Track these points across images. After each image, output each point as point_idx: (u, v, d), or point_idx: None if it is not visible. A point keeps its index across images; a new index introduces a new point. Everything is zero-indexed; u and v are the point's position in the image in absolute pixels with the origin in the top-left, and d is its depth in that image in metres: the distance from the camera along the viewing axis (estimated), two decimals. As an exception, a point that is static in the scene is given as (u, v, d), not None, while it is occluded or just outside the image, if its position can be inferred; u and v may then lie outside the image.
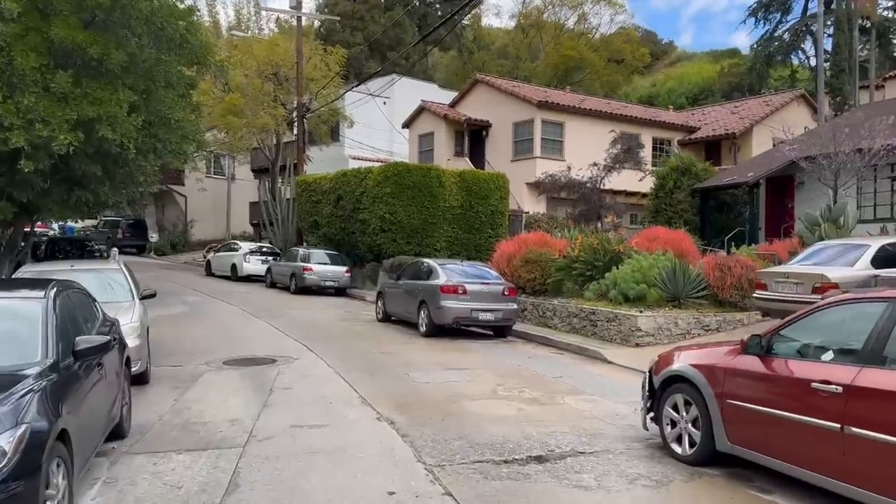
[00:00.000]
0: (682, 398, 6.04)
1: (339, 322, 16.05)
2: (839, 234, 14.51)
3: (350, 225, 24.92)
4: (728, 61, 61.29)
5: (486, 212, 24.67)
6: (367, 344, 12.77)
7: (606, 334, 12.80)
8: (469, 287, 13.54)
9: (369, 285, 24.51)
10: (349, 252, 25.64)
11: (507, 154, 28.88)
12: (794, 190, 19.94)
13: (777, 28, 47.76)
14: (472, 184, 24.42)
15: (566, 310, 14.14)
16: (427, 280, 14.29)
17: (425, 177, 23.39)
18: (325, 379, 9.54)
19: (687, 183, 20.78)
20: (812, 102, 33.34)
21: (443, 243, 23.97)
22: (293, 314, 17.17)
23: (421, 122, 32.03)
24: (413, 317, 14.51)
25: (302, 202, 28.02)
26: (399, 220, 22.98)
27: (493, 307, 13.59)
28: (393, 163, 23.80)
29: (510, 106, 29.05)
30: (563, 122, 28.54)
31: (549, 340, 13.37)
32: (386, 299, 16.05)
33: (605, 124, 29.39)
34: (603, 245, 14.51)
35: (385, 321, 16.11)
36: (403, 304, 15.09)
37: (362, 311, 18.68)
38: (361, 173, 24.55)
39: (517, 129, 28.86)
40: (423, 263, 15.18)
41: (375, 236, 23.51)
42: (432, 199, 23.48)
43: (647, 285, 13.13)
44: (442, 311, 13.42)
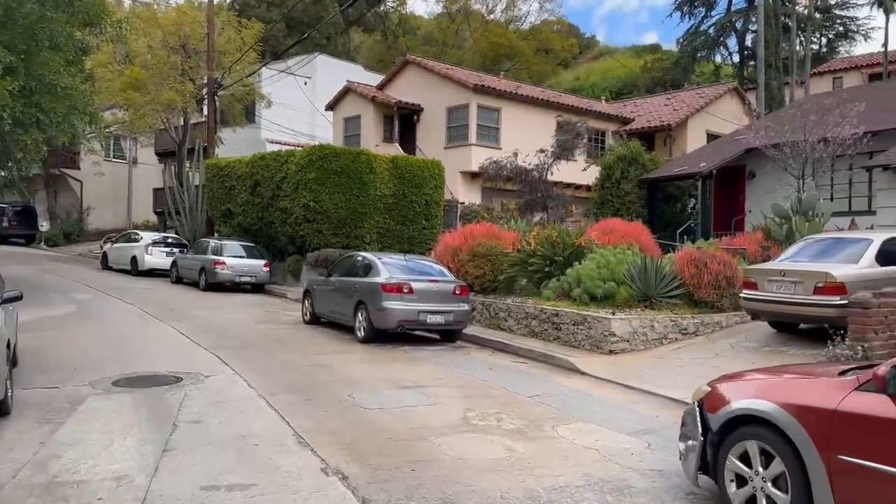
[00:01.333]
0: (757, 447, 4.40)
1: (258, 325, 13.85)
2: (809, 228, 13.49)
3: (269, 214, 22.53)
4: (651, 56, 61.69)
5: (421, 201, 22.82)
6: (295, 354, 10.69)
7: (573, 339, 11.22)
8: (415, 285, 11.67)
9: (291, 281, 22.22)
10: (267, 244, 23.23)
11: (440, 140, 27.09)
12: (745, 182, 19.06)
13: (702, 23, 48.04)
14: (405, 171, 22.50)
15: (523, 310, 12.49)
16: (365, 277, 12.32)
17: (354, 162, 21.30)
18: (246, 406, 7.46)
19: (634, 173, 19.60)
20: (743, 95, 33.19)
21: (373, 235, 21.97)
22: (203, 315, 14.81)
23: (346, 104, 29.79)
24: (348, 319, 12.52)
25: (213, 188, 25.33)
26: (325, 208, 20.81)
27: (443, 308, 11.78)
28: (318, 145, 21.58)
29: (444, 89, 27.26)
30: (499, 109, 26.99)
31: (507, 346, 11.68)
32: (314, 298, 13.97)
33: (542, 113, 28.14)
34: (563, 238, 12.94)
35: (313, 323, 14.03)
36: (336, 304, 13.07)
37: (285, 312, 16.48)
38: (282, 157, 22.20)
39: (451, 115, 27.11)
40: (359, 258, 13.20)
41: (298, 227, 21.25)
42: (362, 186, 21.43)
43: (615, 283, 11.63)
44: (384, 314, 11.49)
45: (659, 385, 8.77)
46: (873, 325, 7.39)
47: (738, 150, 18.30)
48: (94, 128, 17.39)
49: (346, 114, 29.79)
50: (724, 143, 20.24)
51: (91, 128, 17.47)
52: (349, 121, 29.61)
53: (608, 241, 13.96)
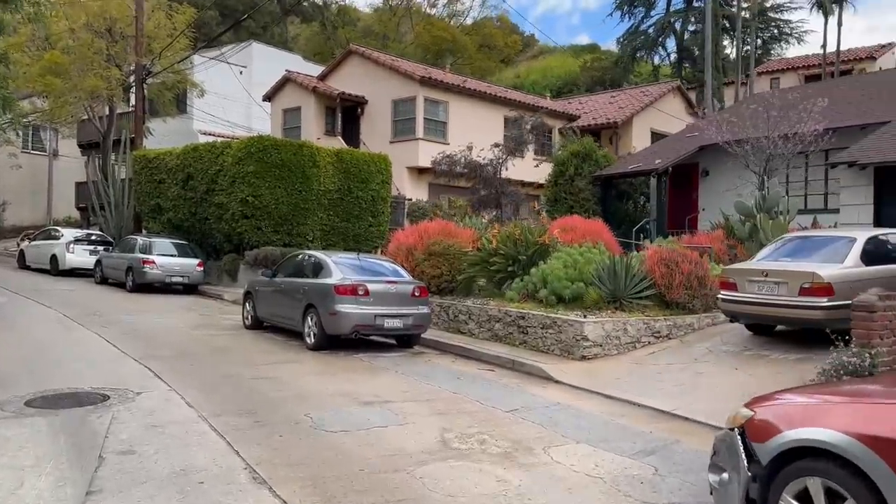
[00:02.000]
0: (821, 485, 3.70)
1: (193, 331, 12.62)
2: (773, 226, 13.18)
3: (203, 209, 21.10)
4: (589, 56, 62.11)
5: (367, 197, 21.82)
6: (239, 364, 9.60)
7: (542, 343, 10.49)
8: (372, 287, 10.72)
9: (227, 281, 20.86)
10: (201, 242, 21.78)
11: (385, 134, 26.10)
12: (699, 179, 18.83)
13: (642, 23, 48.46)
14: (350, 165, 21.45)
15: (485, 313, 11.70)
16: (316, 278, 11.29)
17: (296, 154, 20.12)
18: (186, 431, 6.40)
19: (588, 170, 19.12)
20: (686, 94, 33.40)
21: (317, 232, 20.85)
22: (132, 320, 13.47)
23: (285, 94, 28.42)
24: (296, 324, 11.47)
25: (141, 182, 23.64)
26: (265, 204, 19.57)
27: (402, 312, 10.87)
28: (257, 136, 20.30)
29: (389, 81, 26.26)
30: (446, 102, 26.18)
31: (470, 352, 10.87)
32: (257, 301, 12.83)
33: (489, 108, 27.53)
34: (526, 236, 12.21)
35: (255, 328, 12.89)
36: (282, 307, 11.99)
37: (222, 315, 15.25)
38: (218, 148, 20.81)
39: (397, 108, 26.14)
40: (308, 257, 12.14)
41: (235, 223, 19.93)
42: (305, 180, 20.27)
43: (583, 284, 10.98)
44: (338, 319, 10.50)
45: (642, 395, 8.12)
46: (878, 329, 6.92)
47: (692, 147, 18.02)
48: (8, 114, 15.68)
49: (285, 105, 28.42)
50: (678, 140, 20.00)
51: (5, 114, 15.76)
52: (288, 112, 28.26)
53: (569, 240, 13.32)
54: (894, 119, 14.68)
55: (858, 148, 13.83)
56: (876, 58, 33.71)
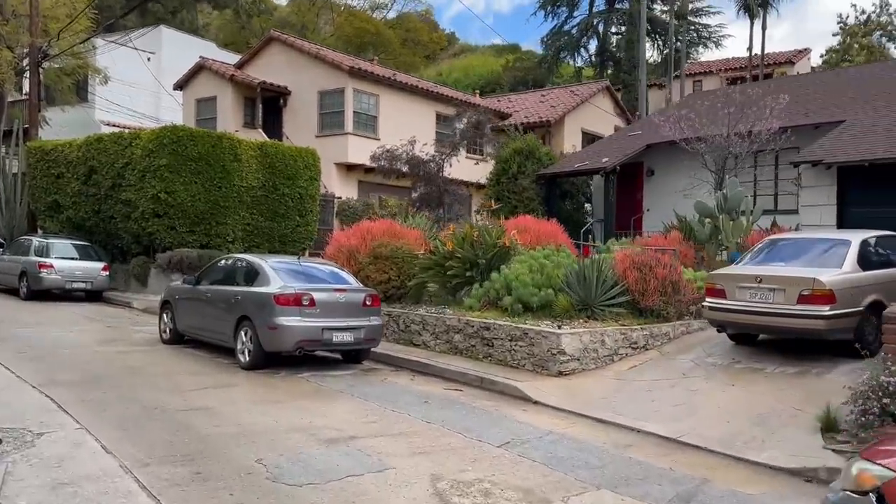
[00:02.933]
0: None
1: (103, 347, 10.86)
2: (734, 227, 12.66)
3: (108, 207, 18.97)
4: (511, 55, 61.98)
5: (294, 195, 20.23)
6: (163, 391, 8.05)
7: (510, 357, 9.44)
8: (318, 296, 9.36)
9: (136, 287, 18.84)
10: (105, 243, 19.65)
11: (311, 128, 24.48)
12: (644, 179, 18.33)
13: (565, 23, 48.49)
14: (276, 160, 19.81)
15: (443, 323, 10.54)
16: (250, 286, 9.81)
17: (215, 147, 18.34)
18: (106, 491, 4.93)
19: (531, 168, 18.28)
20: (615, 95, 33.31)
21: (238, 232, 19.13)
22: (28, 335, 11.54)
23: (200, 83, 26.29)
24: (226, 339, 9.97)
25: (36, 176, 21.16)
26: (179, 201, 17.72)
27: (353, 323, 9.56)
28: (171, 126, 18.37)
29: (315, 71, 24.66)
30: (377, 95, 24.82)
31: (429, 367, 9.70)
32: (177, 312, 11.20)
33: (421, 103, 26.40)
34: (485, 238, 11.14)
35: (175, 343, 11.26)
36: (209, 320, 10.43)
37: (134, 327, 13.45)
38: (125, 139, 18.74)
39: (324, 100, 24.57)
40: (240, 261, 10.61)
41: (146, 222, 17.97)
42: (225, 175, 18.51)
43: (552, 290, 10.00)
44: (279, 333, 9.10)
45: (639, 418, 7.19)
46: (914, 344, 6.23)
47: (638, 145, 17.48)
48: None
49: (199, 94, 26.28)
50: (619, 139, 19.49)
51: None
52: (203, 102, 26.15)
53: (524, 242, 12.38)
54: (849, 119, 14.54)
55: (819, 146, 13.53)
56: (794, 62, 34.71)
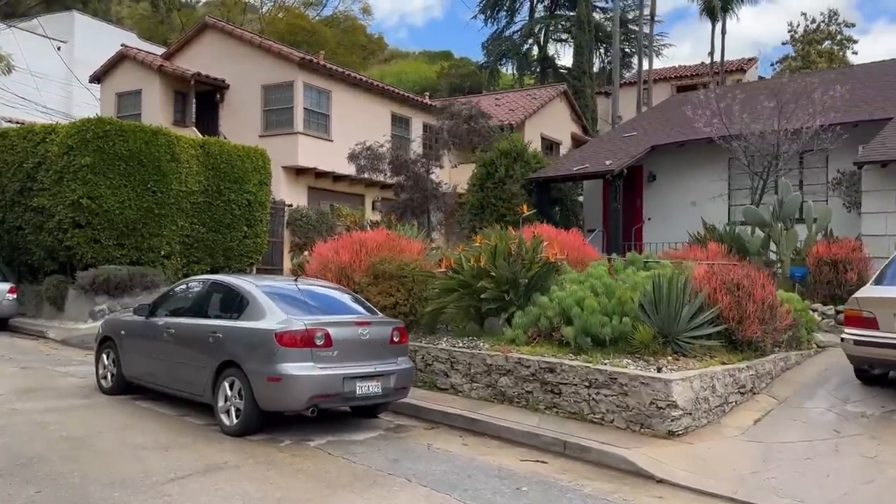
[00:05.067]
0: None
1: (22, 403, 7.94)
2: (788, 238, 10.95)
3: (14, 216, 15.65)
4: (446, 62, 60.21)
5: (242, 202, 17.43)
6: (124, 485, 5.34)
7: (588, 410, 7.22)
8: (335, 332, 6.87)
9: (50, 312, 15.58)
10: (10, 259, 16.28)
11: (253, 126, 21.62)
12: (644, 185, 16.60)
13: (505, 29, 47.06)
14: (220, 160, 16.98)
15: (481, 361, 8.23)
16: (237, 319, 7.18)
17: (149, 144, 15.40)
18: None
19: (520, 171, 16.21)
20: (572, 100, 31.87)
21: (175, 245, 16.20)
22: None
23: (121, 74, 22.93)
24: (198, 392, 7.31)
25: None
26: (106, 208, 14.71)
27: (380, 368, 7.11)
28: (96, 118, 15.26)
29: (258, 63, 21.84)
30: (329, 92, 22.23)
31: (477, 424, 7.37)
32: (123, 352, 8.40)
33: (376, 102, 24.03)
34: (526, 251, 8.92)
35: (120, 392, 8.47)
36: (171, 365, 7.71)
37: (57, 368, 10.46)
38: (37, 134, 15.50)
39: (269, 95, 21.77)
40: (218, 285, 7.90)
41: (63, 234, 14.81)
42: (161, 178, 15.59)
43: (627, 318, 7.87)
44: (284, 387, 6.55)
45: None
46: None
47: (641, 147, 15.73)
48: None
49: (120, 87, 22.93)
50: (614, 140, 17.71)
51: None
52: (125, 97, 22.82)
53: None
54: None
55: (881, 143, 12.02)
56: (745, 70, 34.29)
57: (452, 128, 15.79)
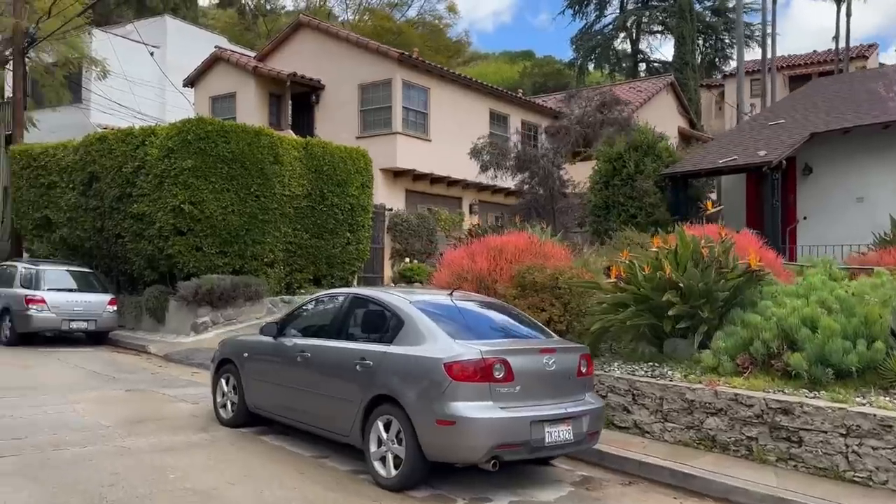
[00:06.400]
0: None
1: (131, 439, 6.82)
2: None
3: (114, 223, 14.98)
4: (528, 62, 58.55)
5: (344, 206, 16.36)
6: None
7: (849, 465, 5.52)
8: (515, 362, 5.40)
9: (149, 323, 14.83)
10: (109, 269, 15.65)
11: (349, 128, 20.58)
12: (797, 180, 14.57)
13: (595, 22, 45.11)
14: (323, 162, 15.95)
15: (679, 395, 6.61)
16: (390, 342, 5.76)
17: (252, 146, 14.47)
18: None
19: (652, 167, 14.48)
20: (679, 93, 29.72)
21: (279, 253, 15.24)
22: (6, 413, 7.48)
23: (215, 77, 22.38)
24: (341, 432, 6.00)
25: (22, 188, 17.17)
26: (209, 214, 13.83)
27: (571, 409, 5.60)
28: (197, 118, 14.42)
29: (355, 61, 20.83)
30: (428, 89, 21.01)
31: (694, 481, 5.75)
32: (246, 379, 7.18)
33: (474, 99, 22.68)
34: (726, 258, 7.26)
35: (243, 425, 7.27)
36: (307, 397, 6.42)
37: (165, 390, 9.43)
38: (136, 137, 14.77)
39: (366, 94, 20.72)
40: (361, 300, 6.50)
41: (164, 242, 14.01)
42: (264, 181, 14.66)
43: (880, 342, 6.11)
44: (458, 433, 5.12)
45: None
46: None
47: (797, 135, 13.74)
48: None
49: (214, 91, 22.37)
50: (755, 129, 15.71)
51: None
52: (219, 101, 22.24)
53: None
54: None
55: None
56: (867, 56, 31.33)
57: (583, 118, 14.16)
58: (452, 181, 22.08)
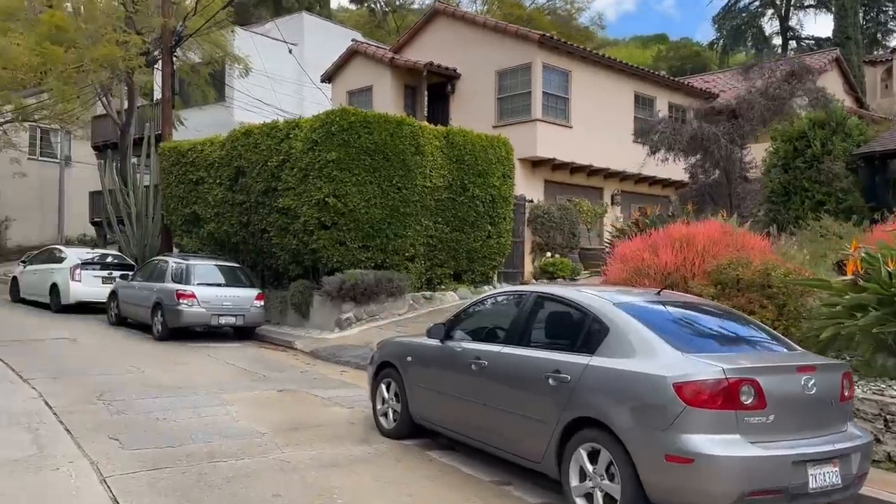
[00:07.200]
0: None
1: (289, 450, 6.20)
2: None
3: (259, 218, 14.86)
4: (662, 45, 55.62)
5: (485, 197, 15.50)
6: None
7: None
8: (766, 383, 4.22)
9: (293, 318, 14.61)
10: (254, 263, 15.59)
11: (486, 117, 19.69)
12: None
13: (737, 2, 41.94)
14: (464, 151, 15.15)
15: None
16: (593, 353, 4.68)
17: (394, 136, 13.88)
18: None
19: (840, 147, 12.58)
20: (845, 69, 26.72)
21: (419, 247, 14.59)
22: (159, 416, 7.12)
23: (351, 72, 22.20)
24: (526, 453, 5.06)
25: (171, 183, 17.53)
26: (352, 207, 13.34)
27: (838, 445, 4.37)
28: (340, 109, 14.00)
29: (492, 46, 19.92)
30: (569, 72, 19.77)
31: None
32: (410, 386, 6.39)
33: (616, 82, 21.17)
34: None
35: (406, 437, 6.51)
36: (482, 410, 5.48)
37: (316, 391, 8.89)
38: (281, 130, 14.56)
39: (503, 81, 19.77)
40: (546, 299, 5.41)
41: (309, 236, 13.69)
42: (405, 173, 14.03)
43: None
44: (700, 472, 3.99)
45: None
46: None
47: None
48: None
49: (350, 85, 22.19)
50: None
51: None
52: (356, 95, 22.02)
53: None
54: None
55: None
56: None
57: (766, 90, 12.47)
58: (594, 170, 20.77)
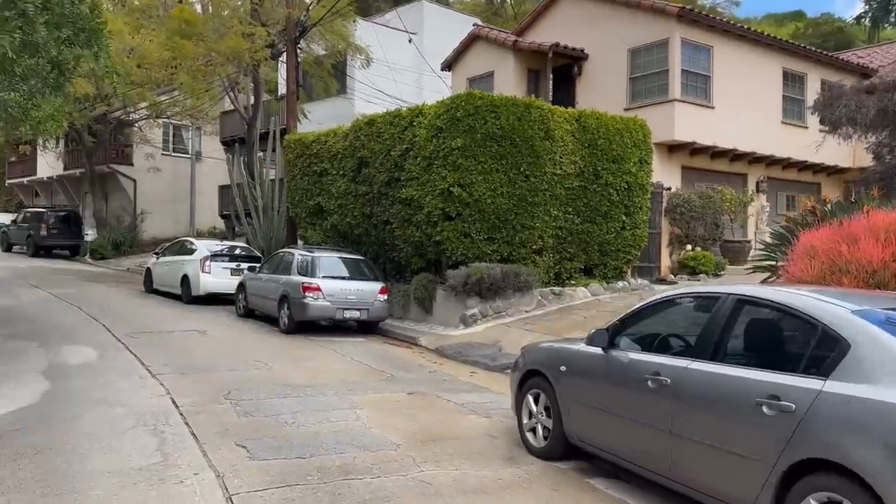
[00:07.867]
0: None
1: (429, 466, 5.50)
2: None
3: (382, 209, 14.41)
4: (800, 22, 51.47)
5: (620, 185, 14.35)
6: None
7: None
8: None
9: (416, 313, 14.05)
10: (377, 255, 15.16)
11: (616, 99, 18.37)
12: None
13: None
14: (597, 136, 14.06)
15: None
16: (827, 376, 3.65)
17: (521, 120, 12.99)
18: None
19: None
20: None
21: (548, 239, 13.62)
22: (288, 419, 6.61)
23: (472, 58, 21.47)
24: (731, 497, 4.02)
25: (295, 176, 17.47)
26: (477, 197, 12.59)
27: None
28: (465, 93, 13.27)
29: (623, 23, 18.57)
30: (710, 48, 18.11)
31: None
32: (564, 398, 5.53)
33: (762, 57, 19.23)
34: None
35: (561, 458, 5.66)
36: (665, 438, 4.53)
37: (448, 395, 8.18)
38: (404, 118, 14.02)
39: (636, 59, 18.39)
40: (757, 303, 4.36)
41: (432, 228, 13.06)
42: (534, 160, 13.12)
43: None
44: None
45: None
46: None
47: None
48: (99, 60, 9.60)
49: (471, 72, 21.47)
50: None
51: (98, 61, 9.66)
52: (476, 81, 21.25)
53: None
54: None
55: None
56: None
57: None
58: (737, 155, 19.01)
